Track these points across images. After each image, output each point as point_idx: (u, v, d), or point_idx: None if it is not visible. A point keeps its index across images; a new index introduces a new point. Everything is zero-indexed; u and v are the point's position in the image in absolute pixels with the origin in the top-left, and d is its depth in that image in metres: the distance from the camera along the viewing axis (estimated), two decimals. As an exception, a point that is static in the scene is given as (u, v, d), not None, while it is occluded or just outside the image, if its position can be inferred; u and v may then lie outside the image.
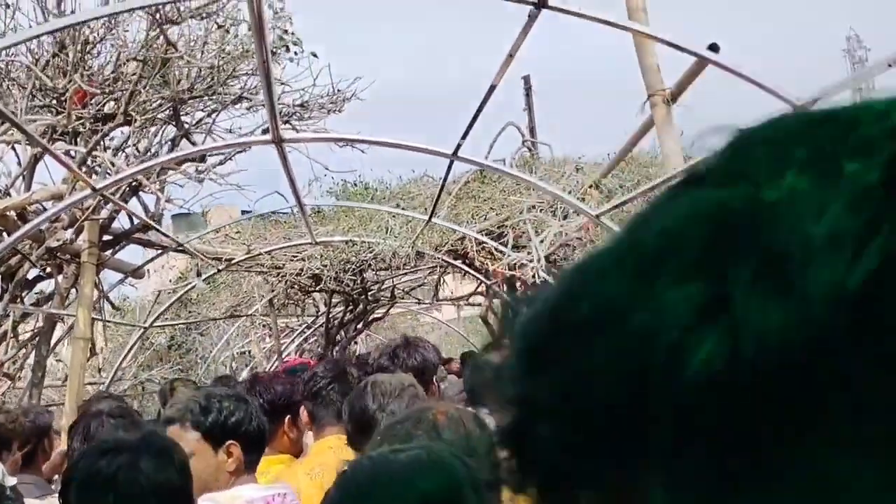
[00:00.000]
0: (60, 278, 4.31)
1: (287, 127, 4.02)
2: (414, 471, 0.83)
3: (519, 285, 5.14)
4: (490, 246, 5.05)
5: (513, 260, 4.52)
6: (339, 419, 1.86)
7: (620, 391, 0.20)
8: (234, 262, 5.45)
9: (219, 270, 5.63)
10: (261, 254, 5.56)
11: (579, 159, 5.46)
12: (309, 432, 2.48)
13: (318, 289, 6.52)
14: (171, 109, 3.87)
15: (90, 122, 3.73)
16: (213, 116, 4.19)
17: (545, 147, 6.10)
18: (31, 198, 3.60)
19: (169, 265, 6.51)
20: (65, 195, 3.50)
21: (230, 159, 4.13)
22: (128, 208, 4.02)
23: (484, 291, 6.83)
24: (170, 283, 6.62)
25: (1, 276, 3.90)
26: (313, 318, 8.34)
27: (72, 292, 4.41)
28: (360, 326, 7.97)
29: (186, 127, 4.03)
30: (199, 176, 3.96)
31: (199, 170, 3.98)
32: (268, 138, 3.18)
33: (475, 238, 5.04)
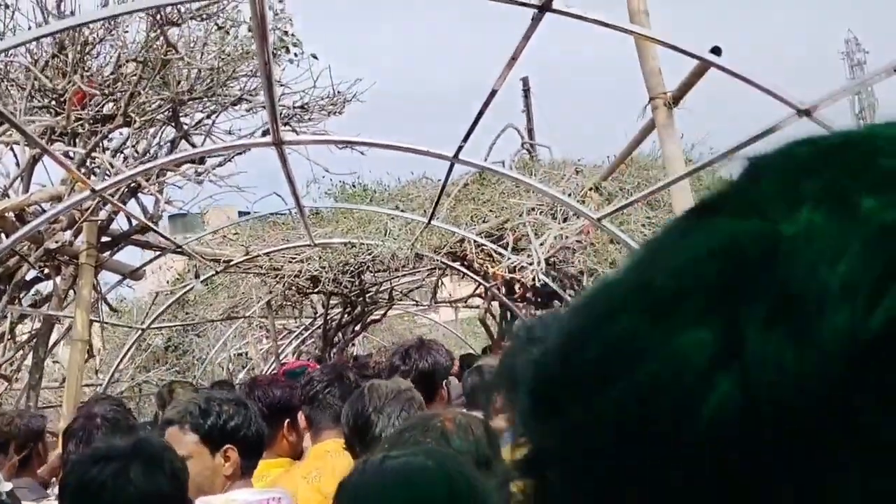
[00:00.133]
0: (58, 279, 4.29)
1: (287, 129, 4.01)
2: (403, 478, 0.83)
3: (518, 288, 5.14)
4: (489, 248, 5.05)
5: (512, 263, 4.51)
6: (336, 423, 1.86)
7: (630, 439, 0.20)
8: (232, 263, 5.44)
9: (217, 272, 5.62)
10: (259, 255, 5.55)
11: (578, 161, 5.46)
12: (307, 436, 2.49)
13: (316, 290, 6.51)
14: (170, 111, 3.86)
15: (89, 123, 3.72)
16: (213, 118, 4.18)
17: (544, 149, 6.11)
18: (29, 199, 3.59)
19: (167, 266, 6.49)
20: (63, 196, 3.49)
21: (230, 161, 4.12)
22: (126, 210, 4.01)
23: (482, 293, 6.83)
24: (167, 284, 6.60)
25: (-1, 278, 3.89)
26: (311, 320, 8.33)
27: (70, 293, 4.39)
28: (357, 328, 7.97)
29: (186, 128, 4.02)
30: (199, 178, 3.95)
31: (199, 171, 3.97)
32: (268, 140, 3.17)
33: (474, 240, 5.04)
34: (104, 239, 4.23)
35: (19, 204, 3.58)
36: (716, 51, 2.66)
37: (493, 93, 2.94)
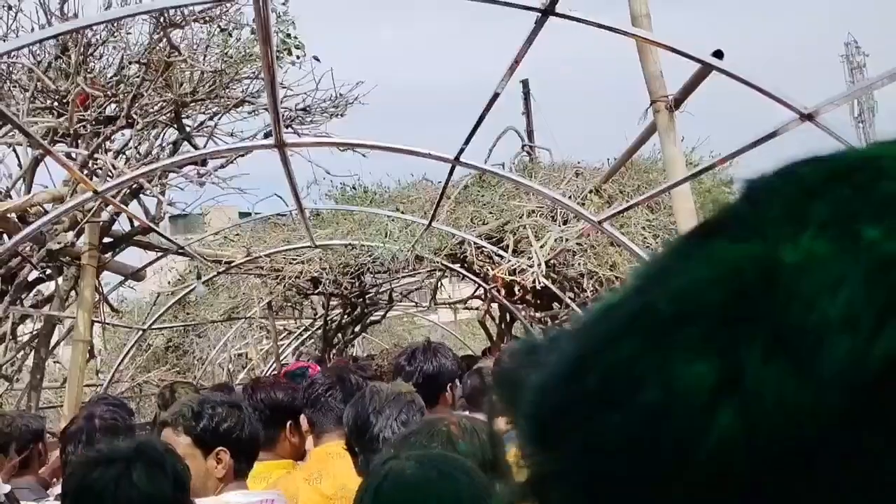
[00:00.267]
0: (60, 280, 4.30)
1: (289, 131, 4.02)
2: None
3: (518, 290, 5.14)
4: (489, 250, 5.05)
5: (512, 265, 4.52)
6: (338, 425, 1.87)
7: (631, 467, 0.20)
8: (233, 264, 5.45)
9: (218, 273, 5.63)
10: (260, 256, 5.56)
11: (578, 164, 5.47)
12: (309, 437, 2.50)
13: (316, 292, 6.52)
14: (172, 112, 3.87)
15: (91, 124, 3.73)
16: (215, 120, 4.19)
17: (544, 152, 6.11)
18: (32, 200, 3.59)
19: (168, 267, 6.49)
20: (66, 197, 3.50)
21: (232, 162, 4.13)
22: (129, 211, 4.02)
23: (482, 295, 6.83)
24: (168, 284, 6.61)
25: (1, 279, 3.89)
26: (311, 321, 8.34)
27: (71, 294, 4.40)
28: (357, 329, 7.97)
29: (188, 130, 4.03)
30: (201, 179, 3.96)
31: (201, 173, 3.97)
32: (270, 142, 3.18)
33: (474, 242, 5.04)
34: (106, 240, 4.23)
35: (21, 205, 3.58)
36: (718, 54, 2.66)
37: (495, 96, 2.95)
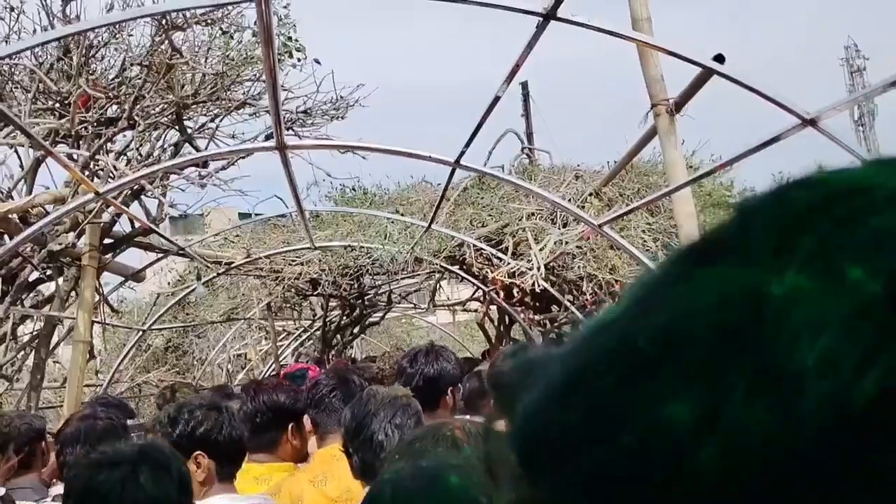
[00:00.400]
0: (61, 281, 4.30)
1: (290, 133, 4.03)
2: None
3: (517, 292, 5.15)
4: (488, 253, 5.06)
5: (512, 268, 4.53)
6: (342, 427, 1.88)
7: (616, 500, 0.20)
8: (233, 265, 5.46)
9: (218, 274, 5.63)
10: (260, 258, 5.57)
11: (578, 167, 5.48)
12: (313, 439, 2.50)
13: (315, 293, 6.52)
14: (174, 114, 3.87)
15: (93, 125, 3.73)
16: (217, 122, 4.20)
17: (544, 154, 6.12)
18: (33, 201, 3.60)
19: (168, 268, 6.50)
20: (67, 198, 3.50)
21: (233, 164, 4.14)
22: (130, 212, 4.02)
23: (481, 297, 6.84)
24: (168, 285, 6.61)
25: (2, 279, 3.89)
26: (310, 322, 8.34)
27: (72, 295, 4.40)
28: (356, 331, 7.98)
29: (190, 132, 4.04)
30: (202, 181, 3.97)
31: (202, 175, 3.98)
32: (271, 144, 3.19)
33: (474, 245, 5.05)
34: (107, 241, 4.24)
35: (23, 206, 3.59)
36: (719, 58, 2.67)
37: (496, 100, 2.96)
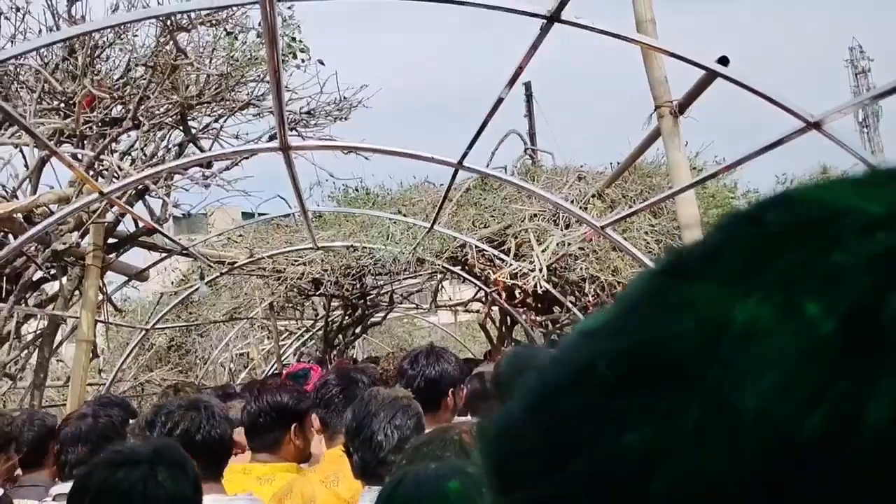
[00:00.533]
0: (65, 280, 4.31)
1: (293, 134, 4.04)
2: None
3: (519, 293, 5.15)
4: (490, 254, 5.06)
5: (514, 269, 4.53)
6: (348, 427, 1.89)
7: None
8: (236, 265, 5.47)
9: (221, 274, 5.64)
10: (262, 258, 5.58)
11: (581, 168, 5.48)
12: (319, 438, 2.51)
13: (317, 293, 6.53)
14: (178, 115, 3.88)
15: (98, 125, 3.74)
16: (221, 122, 4.20)
17: (547, 155, 6.12)
18: (37, 200, 3.61)
19: (171, 267, 6.51)
20: (71, 198, 3.51)
21: (236, 164, 4.15)
22: (134, 212, 4.03)
23: (483, 298, 6.85)
24: (171, 284, 6.63)
25: (6, 278, 3.91)
26: (312, 322, 8.35)
27: (75, 294, 4.41)
28: (358, 330, 7.99)
29: (194, 132, 4.05)
30: (206, 181, 3.98)
31: (206, 175, 3.99)
32: (275, 145, 3.19)
33: (476, 246, 5.05)
34: (111, 240, 4.25)
35: (27, 205, 3.60)
36: (723, 61, 2.66)
37: (499, 101, 2.96)
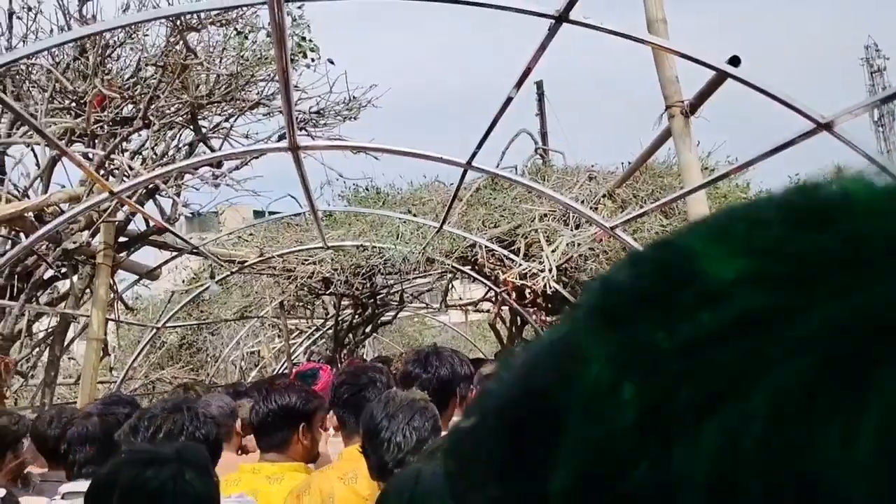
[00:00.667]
0: (76, 279, 4.34)
1: (303, 133, 4.04)
2: None
3: (529, 293, 5.13)
4: (500, 253, 5.04)
5: (524, 269, 4.51)
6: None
7: None
8: (246, 264, 5.48)
9: (231, 273, 5.66)
10: (273, 257, 5.59)
11: (592, 167, 5.44)
12: (330, 438, 2.52)
13: (327, 292, 6.54)
14: (189, 114, 3.89)
15: (108, 125, 3.76)
16: (231, 121, 4.21)
17: (558, 155, 6.09)
18: (48, 200, 3.63)
19: (182, 266, 6.55)
20: (82, 197, 3.53)
21: (246, 164, 4.16)
22: (144, 211, 4.05)
23: (493, 298, 6.83)
24: (182, 283, 6.66)
25: (17, 277, 3.94)
26: (322, 321, 8.37)
27: (86, 292, 4.44)
28: (368, 330, 7.99)
29: (204, 132, 4.06)
30: (216, 181, 3.99)
31: (216, 174, 4.00)
32: (284, 145, 3.19)
33: (485, 245, 5.04)
34: (121, 239, 4.27)
35: (39, 204, 3.62)
36: (734, 61, 2.63)
37: (508, 100, 2.95)
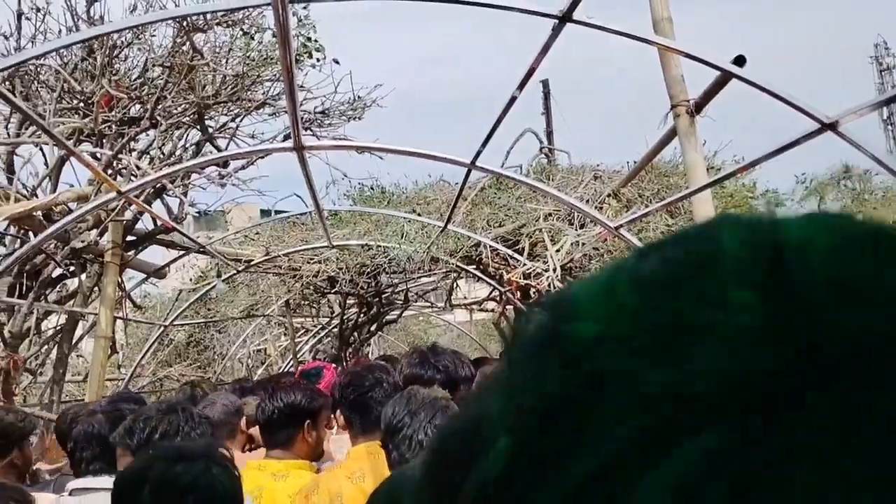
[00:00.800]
0: (84, 277, 4.38)
1: (308, 133, 4.06)
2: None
3: (534, 293, 5.14)
4: (505, 253, 5.04)
5: (528, 269, 4.51)
6: (376, 425, 1.90)
7: None
8: (253, 263, 5.51)
9: (238, 271, 5.69)
10: (279, 256, 5.62)
11: (597, 167, 5.44)
12: (332, 437, 2.53)
13: (333, 291, 6.56)
14: (195, 114, 3.92)
15: (116, 125, 3.79)
16: (237, 121, 4.24)
17: (563, 154, 6.09)
18: (57, 199, 3.67)
19: (189, 264, 6.59)
20: (90, 197, 3.56)
21: (252, 164, 4.18)
22: (152, 211, 4.08)
23: (498, 297, 6.83)
24: (190, 281, 6.70)
25: (26, 275, 3.98)
26: (328, 320, 8.40)
27: (94, 291, 4.48)
28: (373, 328, 8.01)
29: (211, 131, 4.08)
30: (222, 180, 4.01)
31: (222, 174, 4.03)
32: (289, 145, 3.21)
33: (490, 245, 5.04)
34: (129, 238, 4.31)
35: (47, 204, 3.66)
36: (739, 61, 2.63)
37: (512, 100, 2.95)
